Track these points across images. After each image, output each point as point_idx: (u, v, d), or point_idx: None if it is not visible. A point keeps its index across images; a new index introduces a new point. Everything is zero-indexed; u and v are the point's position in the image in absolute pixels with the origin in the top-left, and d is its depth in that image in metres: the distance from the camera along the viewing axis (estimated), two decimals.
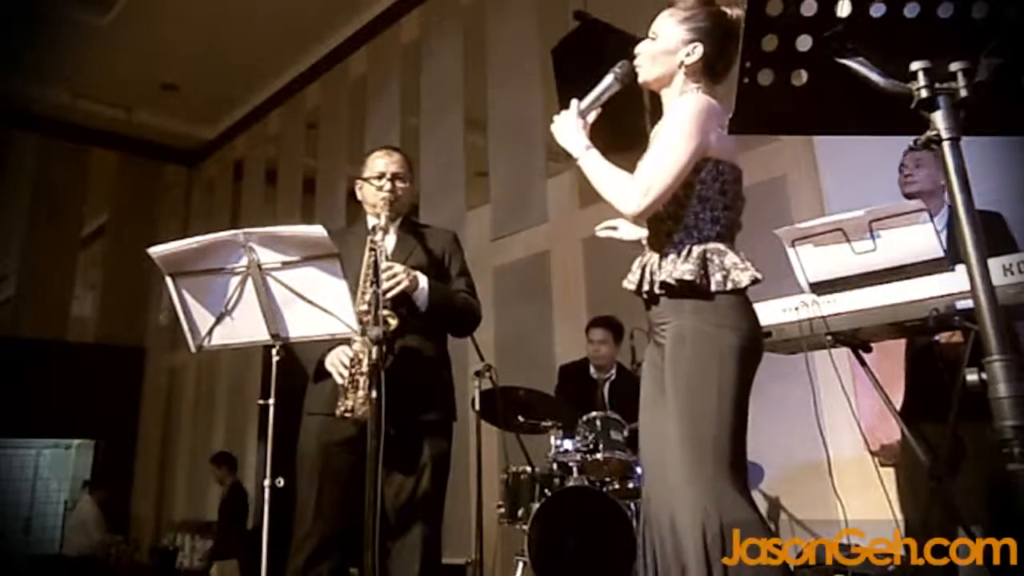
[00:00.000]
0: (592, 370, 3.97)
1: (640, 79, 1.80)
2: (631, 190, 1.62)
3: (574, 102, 1.78)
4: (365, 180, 2.46)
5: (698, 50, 1.73)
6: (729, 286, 1.62)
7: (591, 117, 1.79)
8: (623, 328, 3.92)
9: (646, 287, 1.71)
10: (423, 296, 2.29)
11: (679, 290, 1.64)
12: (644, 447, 1.79)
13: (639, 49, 1.81)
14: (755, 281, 1.64)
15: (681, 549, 1.52)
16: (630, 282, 1.77)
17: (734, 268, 1.63)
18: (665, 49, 1.76)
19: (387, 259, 2.23)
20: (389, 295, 2.15)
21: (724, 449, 1.55)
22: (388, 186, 2.39)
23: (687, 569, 1.50)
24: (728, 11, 1.75)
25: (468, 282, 2.50)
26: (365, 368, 2.07)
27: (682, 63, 1.74)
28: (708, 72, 1.75)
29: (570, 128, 1.75)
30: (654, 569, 1.63)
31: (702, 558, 1.46)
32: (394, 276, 2.20)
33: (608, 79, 1.80)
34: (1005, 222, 2.48)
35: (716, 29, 1.73)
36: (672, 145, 1.63)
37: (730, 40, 1.72)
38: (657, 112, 1.87)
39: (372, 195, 2.42)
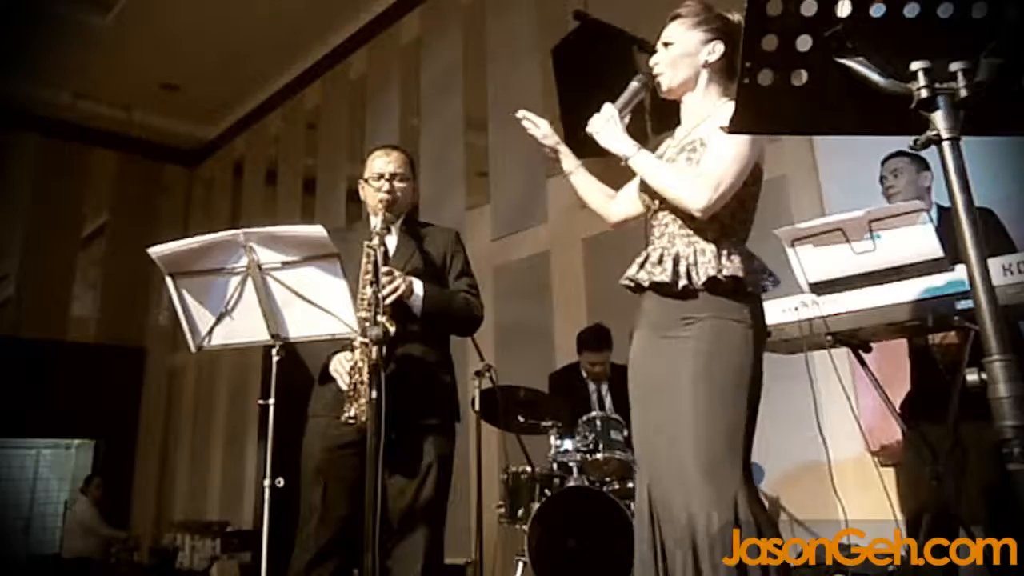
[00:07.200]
0: (584, 374, 3.93)
1: (664, 86, 1.81)
2: (700, 186, 1.63)
3: (607, 105, 1.78)
4: (365, 181, 2.45)
5: (719, 48, 1.76)
6: (760, 289, 1.70)
7: (625, 120, 1.81)
8: (610, 334, 3.82)
9: (684, 281, 1.67)
10: (418, 302, 2.27)
11: (724, 286, 1.65)
12: (647, 442, 1.73)
13: (655, 60, 1.82)
14: (775, 285, 1.74)
15: (697, 543, 1.52)
16: (664, 271, 1.70)
17: (761, 272, 1.71)
18: (684, 52, 1.78)
19: (387, 260, 2.22)
20: (387, 301, 2.13)
21: (744, 447, 1.59)
22: (386, 187, 2.37)
23: (715, 566, 1.50)
24: (730, 16, 1.79)
25: (470, 282, 2.48)
26: (365, 376, 2.06)
27: (706, 62, 1.77)
28: (729, 70, 1.78)
29: (614, 129, 1.76)
30: (653, 566, 1.62)
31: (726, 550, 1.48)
32: (391, 283, 2.18)
33: (634, 84, 1.82)
34: (998, 219, 2.49)
35: (729, 30, 1.77)
36: (738, 146, 1.64)
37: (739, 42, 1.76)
38: (661, 115, 1.87)
39: (372, 196, 2.41)
